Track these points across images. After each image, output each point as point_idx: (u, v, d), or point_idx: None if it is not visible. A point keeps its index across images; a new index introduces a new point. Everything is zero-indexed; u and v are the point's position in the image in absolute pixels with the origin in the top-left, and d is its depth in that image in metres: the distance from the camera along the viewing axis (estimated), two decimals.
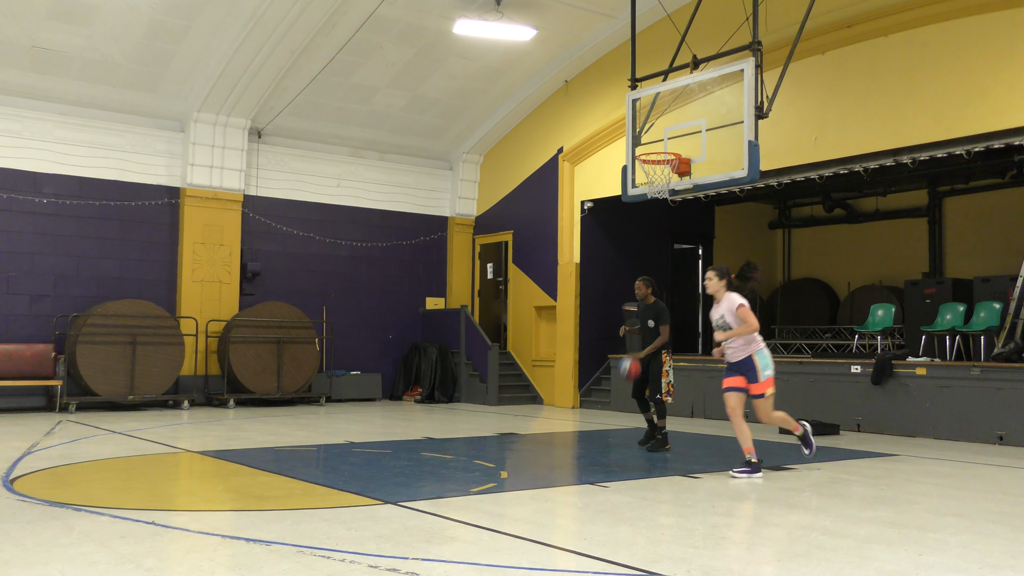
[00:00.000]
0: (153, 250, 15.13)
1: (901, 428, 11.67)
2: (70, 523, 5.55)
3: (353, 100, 16.15)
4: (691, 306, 18.30)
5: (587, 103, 16.15)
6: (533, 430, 12.38)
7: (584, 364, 16.04)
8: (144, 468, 8.20)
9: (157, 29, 13.38)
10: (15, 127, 13.93)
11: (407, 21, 14.39)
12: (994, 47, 10.87)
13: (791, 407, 12.60)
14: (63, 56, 13.49)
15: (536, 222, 17.09)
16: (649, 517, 6.01)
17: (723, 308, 7.95)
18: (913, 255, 16.89)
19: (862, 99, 12.09)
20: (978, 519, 6.14)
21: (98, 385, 13.60)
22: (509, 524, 5.77)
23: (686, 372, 14.31)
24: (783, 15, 12.16)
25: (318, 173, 16.90)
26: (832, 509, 6.41)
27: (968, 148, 11.31)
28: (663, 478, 7.88)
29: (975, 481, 8.00)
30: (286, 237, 16.48)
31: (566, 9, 14.60)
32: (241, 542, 5.12)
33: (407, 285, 17.96)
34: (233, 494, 6.91)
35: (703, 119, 10.44)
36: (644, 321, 9.85)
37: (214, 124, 15.23)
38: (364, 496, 6.61)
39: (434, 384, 16.94)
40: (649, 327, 9.78)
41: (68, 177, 14.36)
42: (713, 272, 8.08)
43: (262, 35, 13.66)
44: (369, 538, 5.21)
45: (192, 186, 15.21)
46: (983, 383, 11.00)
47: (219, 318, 15.37)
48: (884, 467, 8.77)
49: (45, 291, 14.17)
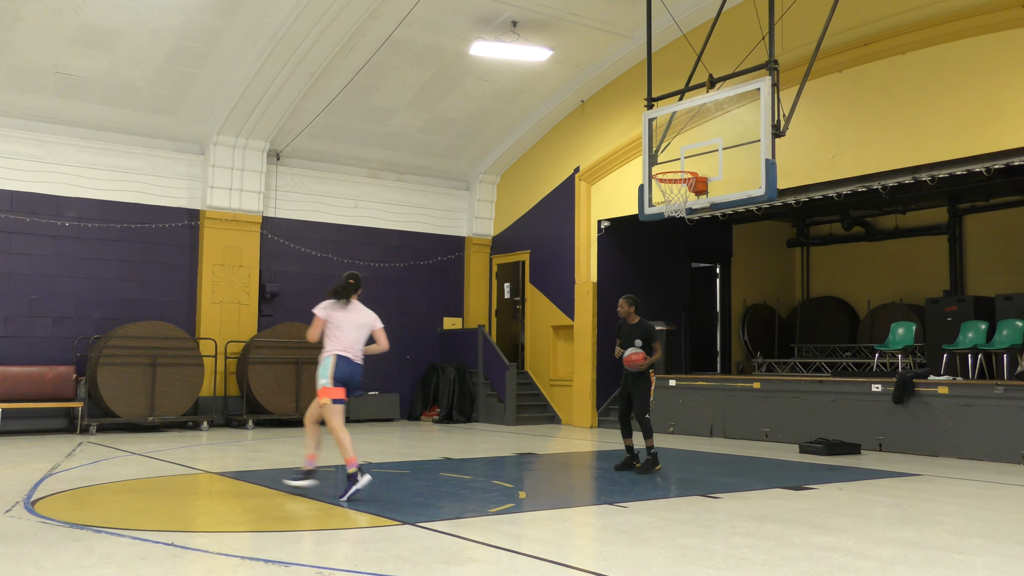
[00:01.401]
0: (173, 272, 15.24)
1: (923, 447, 11.54)
2: (90, 545, 5.57)
3: (371, 121, 16.27)
4: (710, 325, 18.23)
5: (603, 123, 16.19)
6: (551, 450, 12.34)
7: (602, 383, 15.99)
8: (164, 489, 8.22)
9: (178, 53, 13.55)
10: (38, 151, 14.11)
11: (424, 43, 14.51)
12: (1012, 64, 10.83)
13: (812, 426, 12.52)
14: (86, 81, 13.68)
15: (553, 242, 17.10)
16: (669, 538, 5.97)
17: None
18: (933, 273, 16.76)
19: (880, 117, 12.06)
20: (1003, 540, 6.06)
21: (119, 407, 13.68)
22: (528, 545, 5.74)
23: (705, 392, 14.24)
24: (799, 34, 12.17)
25: (336, 194, 17.01)
26: (855, 530, 6.34)
27: (988, 165, 11.23)
28: (683, 498, 7.82)
29: (1000, 501, 7.89)
30: (304, 258, 16.57)
31: (582, 30, 14.68)
32: (260, 564, 5.12)
33: (425, 305, 17.99)
34: (252, 515, 6.91)
35: (720, 138, 10.44)
36: (630, 341, 9.46)
37: (233, 147, 15.38)
38: (383, 517, 6.60)
39: (452, 404, 16.93)
40: (636, 347, 9.43)
41: (90, 201, 14.52)
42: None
43: (281, 58, 13.81)
44: (388, 559, 5.20)
45: (212, 208, 15.33)
46: (1006, 402, 10.87)
47: (238, 339, 15.45)
48: (907, 487, 8.67)
49: (67, 313, 14.29)
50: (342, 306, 7.62)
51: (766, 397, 13.42)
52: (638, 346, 9.45)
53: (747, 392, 13.70)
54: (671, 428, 14.47)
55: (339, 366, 7.47)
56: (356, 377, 7.57)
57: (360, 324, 7.63)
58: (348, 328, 7.57)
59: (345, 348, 7.50)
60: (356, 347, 7.59)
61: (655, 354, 9.45)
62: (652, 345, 9.45)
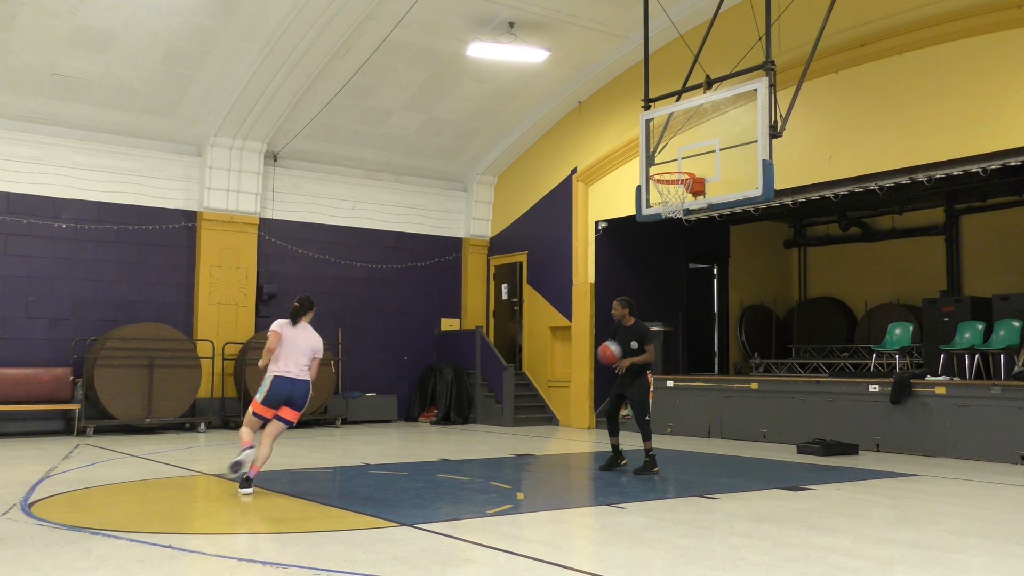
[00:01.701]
0: (170, 273, 15.22)
1: (921, 448, 11.56)
2: (88, 547, 5.56)
3: (368, 123, 16.26)
4: (707, 326, 18.24)
5: (601, 124, 16.19)
6: (549, 451, 12.33)
7: (600, 384, 15.97)
8: (161, 491, 8.21)
9: (175, 55, 13.54)
10: (35, 153, 14.10)
11: (421, 44, 14.51)
12: (1008, 65, 10.85)
13: (810, 427, 12.53)
14: (82, 82, 13.66)
15: (550, 242, 17.10)
16: (667, 539, 5.97)
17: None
18: (930, 273, 16.78)
19: (877, 117, 12.08)
20: (1001, 540, 6.06)
21: (116, 408, 13.66)
22: (526, 546, 5.74)
23: (703, 392, 14.25)
24: (796, 35, 12.18)
25: (333, 196, 17.00)
26: (852, 530, 6.34)
27: (984, 166, 11.25)
28: (680, 499, 7.82)
29: (997, 501, 7.90)
30: (302, 259, 16.56)
31: (579, 31, 14.69)
32: (258, 565, 5.11)
33: (422, 306, 17.99)
34: (250, 517, 6.90)
35: (717, 138, 10.44)
36: (626, 343, 9.46)
37: (231, 148, 15.37)
38: (380, 518, 6.59)
39: (450, 405, 16.92)
40: (632, 349, 9.45)
41: (87, 202, 14.50)
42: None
43: (278, 60, 13.81)
44: (386, 560, 5.20)
45: (209, 210, 15.32)
46: (1003, 402, 10.89)
47: (235, 340, 15.43)
48: (904, 487, 8.68)
49: (64, 315, 14.27)
50: (292, 325, 8.00)
51: (764, 398, 13.43)
52: (634, 348, 9.46)
53: (745, 393, 13.70)
54: (669, 429, 14.48)
55: (274, 386, 7.79)
56: (295, 394, 7.86)
57: (306, 346, 7.95)
58: (294, 347, 7.89)
59: (287, 368, 7.83)
60: (300, 365, 7.89)
61: (646, 355, 9.45)
62: (645, 347, 9.47)
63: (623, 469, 9.60)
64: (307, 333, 8.02)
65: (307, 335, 8.01)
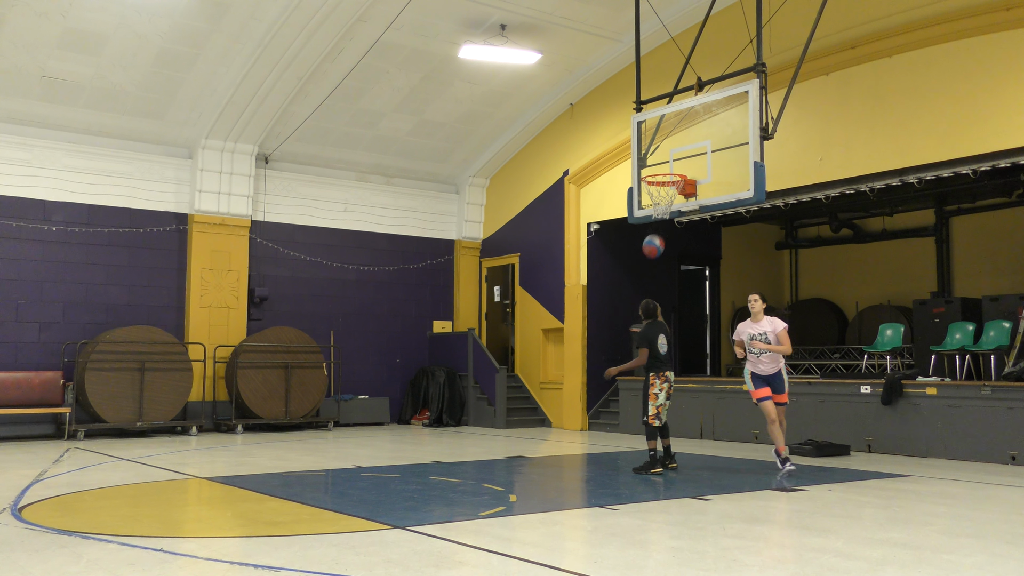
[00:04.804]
0: (161, 276, 15.17)
1: (912, 448, 11.59)
2: (78, 551, 5.54)
3: (359, 125, 16.25)
4: (699, 328, 18.26)
5: (592, 126, 16.21)
6: (542, 453, 12.33)
7: (592, 386, 15.99)
8: (152, 495, 8.18)
9: (165, 57, 13.50)
10: (25, 156, 14.03)
11: (413, 46, 14.50)
12: (998, 67, 10.90)
13: (801, 427, 12.57)
14: (72, 85, 13.61)
15: (543, 245, 17.11)
16: (660, 540, 5.97)
17: (766, 326, 9.68)
18: (921, 274, 16.83)
19: (867, 119, 12.12)
20: (992, 540, 6.09)
21: (106, 412, 13.60)
22: (519, 548, 5.74)
23: (695, 394, 14.27)
24: (787, 37, 12.22)
25: (325, 198, 16.97)
26: (844, 531, 6.36)
27: (974, 167, 11.30)
28: (673, 500, 7.83)
29: (988, 502, 7.93)
30: (293, 262, 16.53)
31: (571, 33, 14.70)
32: (249, 568, 5.10)
33: (414, 309, 17.98)
34: (242, 520, 6.88)
35: (708, 140, 10.47)
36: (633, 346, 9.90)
37: (222, 151, 15.33)
38: (373, 521, 6.58)
39: (442, 408, 16.90)
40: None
41: (77, 205, 14.44)
42: (757, 296, 9.89)
43: (269, 62, 13.78)
44: (378, 563, 5.19)
45: (200, 212, 15.28)
46: (994, 403, 10.93)
47: (227, 343, 15.39)
48: (896, 488, 8.70)
49: (54, 318, 14.21)
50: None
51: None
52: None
53: (737, 394, 13.72)
54: None
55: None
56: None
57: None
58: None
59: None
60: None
61: (631, 362, 9.76)
62: (637, 350, 9.58)
63: (670, 471, 9.70)
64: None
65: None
